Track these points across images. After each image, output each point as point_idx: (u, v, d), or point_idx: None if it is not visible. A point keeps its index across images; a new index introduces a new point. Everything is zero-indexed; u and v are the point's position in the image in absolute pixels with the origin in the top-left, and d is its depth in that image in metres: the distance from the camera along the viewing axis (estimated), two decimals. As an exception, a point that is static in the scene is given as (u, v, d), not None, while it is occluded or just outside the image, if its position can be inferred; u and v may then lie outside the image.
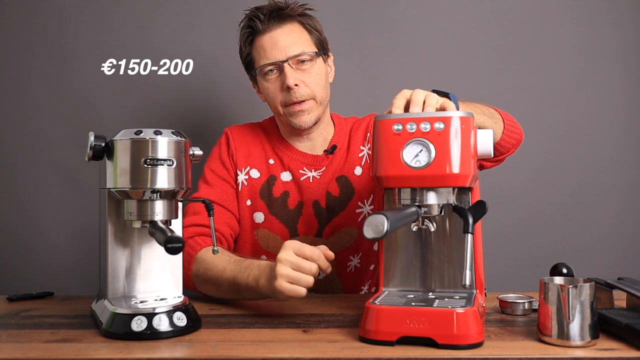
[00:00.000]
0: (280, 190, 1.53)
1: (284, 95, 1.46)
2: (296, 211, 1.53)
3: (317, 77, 1.47)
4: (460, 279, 1.10)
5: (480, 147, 1.04)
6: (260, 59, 1.47)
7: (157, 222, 1.09)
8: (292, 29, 1.47)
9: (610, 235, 2.03)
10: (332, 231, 1.53)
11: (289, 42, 1.45)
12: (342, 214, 1.53)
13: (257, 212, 1.54)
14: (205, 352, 0.96)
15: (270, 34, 1.45)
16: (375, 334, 0.98)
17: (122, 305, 1.08)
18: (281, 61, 1.44)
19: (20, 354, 0.96)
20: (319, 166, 1.54)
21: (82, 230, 2.00)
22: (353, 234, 1.54)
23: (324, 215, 1.53)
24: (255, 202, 1.54)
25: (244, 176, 1.54)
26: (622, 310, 1.09)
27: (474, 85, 1.98)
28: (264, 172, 1.55)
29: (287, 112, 1.48)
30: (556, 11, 2.03)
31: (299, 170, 1.54)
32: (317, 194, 1.53)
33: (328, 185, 1.53)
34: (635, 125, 2.05)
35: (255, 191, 1.54)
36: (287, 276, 1.12)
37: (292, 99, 1.45)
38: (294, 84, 1.43)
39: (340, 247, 1.53)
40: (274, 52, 1.45)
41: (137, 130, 1.08)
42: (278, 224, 1.53)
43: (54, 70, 2.02)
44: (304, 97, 1.45)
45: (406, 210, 0.99)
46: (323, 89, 1.49)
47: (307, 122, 1.48)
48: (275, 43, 1.45)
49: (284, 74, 1.44)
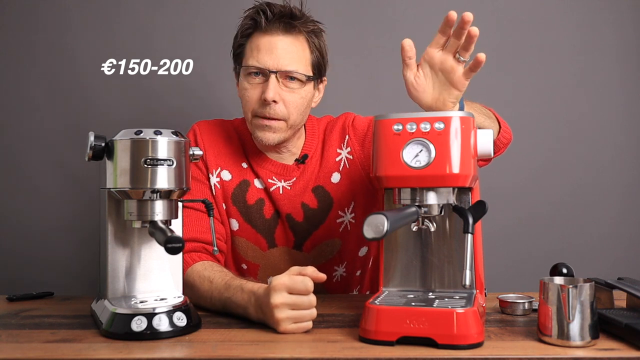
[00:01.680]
0: (255, 197, 1.45)
1: (258, 105, 1.35)
2: (272, 221, 1.45)
3: (299, 100, 1.36)
4: (460, 279, 1.10)
5: (480, 147, 1.04)
6: (249, 58, 1.36)
7: (157, 222, 1.09)
8: (295, 42, 1.36)
9: (610, 235, 2.03)
10: (313, 245, 1.48)
11: (286, 54, 1.34)
12: (322, 227, 1.46)
13: (231, 219, 1.46)
14: (205, 352, 0.96)
15: (271, 37, 1.35)
16: (375, 334, 0.98)
17: (122, 305, 1.08)
18: (269, 70, 1.33)
19: (20, 354, 0.96)
20: (288, 176, 1.45)
21: (82, 230, 2.00)
22: (335, 245, 1.49)
23: (303, 229, 1.46)
24: (229, 208, 1.45)
25: (215, 178, 1.44)
26: (622, 310, 1.09)
27: (473, 86, 1.95)
28: (236, 174, 1.45)
29: (255, 122, 1.37)
30: (556, 11, 2.03)
31: (267, 179, 1.45)
32: (289, 207, 1.44)
33: (302, 197, 1.45)
34: (635, 125, 2.05)
35: (227, 195, 1.44)
36: (289, 319, 1.06)
37: (265, 113, 1.34)
38: (272, 100, 1.33)
39: (323, 260, 1.49)
40: (266, 57, 1.34)
41: (137, 130, 1.08)
42: (254, 233, 1.46)
43: (54, 70, 2.02)
44: (277, 115, 1.35)
45: (406, 210, 0.99)
46: (299, 114, 1.38)
47: (269, 140, 1.37)
48: (271, 48, 1.34)
49: (267, 84, 1.33)
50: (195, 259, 1.33)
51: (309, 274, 1.08)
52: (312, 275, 1.08)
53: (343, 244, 1.50)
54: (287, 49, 1.35)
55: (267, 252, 1.48)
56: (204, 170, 1.45)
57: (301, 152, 1.48)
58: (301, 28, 1.36)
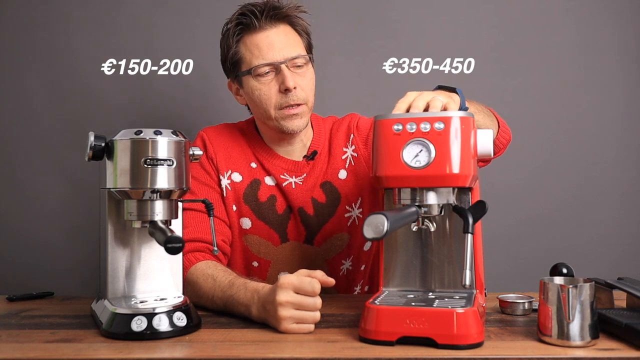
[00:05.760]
0: (267, 194, 1.48)
1: (280, 97, 1.40)
2: (285, 216, 1.49)
3: (310, 82, 1.44)
4: (460, 279, 1.10)
5: (480, 147, 1.04)
6: (253, 59, 1.40)
7: (157, 222, 1.09)
8: (286, 29, 1.43)
9: (610, 235, 2.03)
10: (324, 239, 1.51)
11: (285, 44, 1.40)
12: (331, 221, 1.50)
13: (244, 218, 1.48)
14: (205, 352, 0.96)
15: (266, 33, 1.40)
16: (375, 334, 0.98)
17: (122, 305, 1.09)
18: (279, 62, 1.39)
19: (20, 354, 0.96)
20: (299, 172, 1.50)
21: (82, 230, 2.00)
22: (344, 239, 1.52)
23: (314, 223, 1.49)
24: (240, 208, 1.48)
25: (226, 180, 1.47)
26: (622, 310, 1.09)
27: (474, 85, 1.98)
28: (246, 175, 1.49)
29: (279, 115, 1.42)
30: (556, 11, 2.03)
31: (279, 175, 1.48)
32: (301, 201, 1.48)
33: (312, 192, 1.49)
34: (635, 125, 2.05)
35: (239, 196, 1.48)
36: (291, 318, 1.06)
37: (289, 101, 1.40)
38: (293, 87, 1.39)
39: (332, 254, 1.52)
40: (271, 52, 1.39)
41: (137, 130, 1.08)
42: (267, 229, 1.48)
43: (54, 70, 2.01)
44: (300, 100, 1.41)
45: (406, 210, 0.99)
46: (313, 94, 1.46)
47: (299, 126, 1.43)
48: (271, 43, 1.39)
49: (282, 75, 1.39)
50: (199, 258, 1.34)
51: (318, 277, 1.08)
52: (321, 279, 1.08)
53: (351, 238, 1.52)
54: (284, 38, 1.41)
55: (279, 247, 1.50)
56: (214, 175, 1.48)
57: (309, 149, 1.53)
58: (286, 15, 1.43)
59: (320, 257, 1.51)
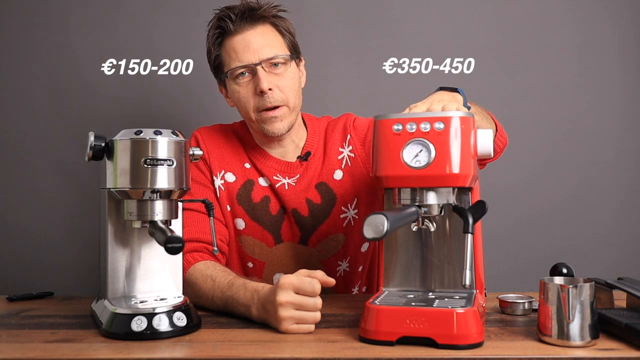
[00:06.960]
0: (260, 195, 1.47)
1: (257, 100, 1.39)
2: (279, 217, 1.48)
3: (290, 82, 1.41)
4: (460, 279, 1.10)
5: (480, 147, 1.04)
6: (231, 62, 1.40)
7: (157, 222, 1.09)
8: (264, 30, 1.41)
9: (610, 235, 2.03)
10: (319, 240, 1.50)
11: (262, 44, 1.38)
12: (326, 222, 1.49)
13: (238, 219, 1.47)
14: (205, 352, 0.96)
15: (242, 35, 1.39)
16: (375, 334, 0.98)
17: (122, 305, 1.09)
18: (254, 64, 1.37)
19: (20, 354, 0.96)
20: (292, 173, 1.48)
21: (82, 230, 2.00)
22: (339, 239, 1.51)
23: (308, 224, 1.48)
24: (234, 208, 1.47)
25: (220, 181, 1.47)
26: (622, 310, 1.09)
27: (474, 85, 1.97)
28: (240, 175, 1.48)
29: (259, 118, 1.41)
30: (556, 11, 2.03)
31: (272, 176, 1.47)
32: (295, 202, 1.47)
33: (306, 192, 1.47)
34: (635, 125, 2.05)
35: (232, 196, 1.47)
36: (291, 318, 1.05)
37: (266, 104, 1.38)
38: (268, 88, 1.37)
39: (328, 255, 1.51)
40: (246, 54, 1.38)
41: (137, 130, 1.08)
42: (261, 230, 1.48)
43: (54, 70, 2.02)
44: (277, 102, 1.39)
45: (406, 210, 0.99)
46: (296, 95, 1.43)
47: (280, 129, 1.41)
48: (247, 45, 1.38)
49: (257, 77, 1.37)
50: (197, 258, 1.34)
51: (319, 277, 1.08)
52: (321, 279, 1.07)
53: (347, 239, 1.51)
54: (261, 40, 1.40)
55: (274, 248, 1.49)
56: (208, 174, 1.48)
57: (303, 150, 1.51)
58: (264, 16, 1.41)
59: (315, 258, 1.50)
